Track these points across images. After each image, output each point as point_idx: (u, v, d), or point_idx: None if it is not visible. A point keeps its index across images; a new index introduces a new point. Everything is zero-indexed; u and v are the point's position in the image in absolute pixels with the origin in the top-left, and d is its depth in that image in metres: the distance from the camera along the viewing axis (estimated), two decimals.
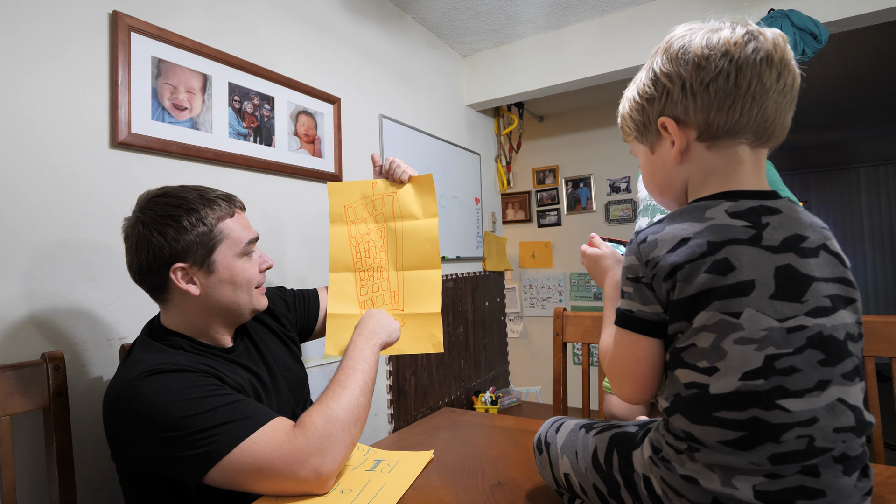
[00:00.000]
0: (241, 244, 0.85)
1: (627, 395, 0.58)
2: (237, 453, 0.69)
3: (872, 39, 2.46)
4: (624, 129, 0.66)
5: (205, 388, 0.74)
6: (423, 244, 1.11)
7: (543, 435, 0.71)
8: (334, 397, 0.79)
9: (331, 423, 0.75)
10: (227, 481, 0.70)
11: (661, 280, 0.52)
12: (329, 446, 0.73)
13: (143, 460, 0.73)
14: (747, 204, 0.53)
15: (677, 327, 0.52)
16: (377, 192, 1.11)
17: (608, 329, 0.62)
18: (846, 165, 4.63)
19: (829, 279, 0.51)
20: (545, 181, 3.14)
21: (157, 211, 0.80)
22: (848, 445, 0.48)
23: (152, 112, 1.15)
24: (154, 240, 0.78)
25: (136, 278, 0.83)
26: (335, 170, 1.69)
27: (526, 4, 2.11)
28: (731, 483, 0.47)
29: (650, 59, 0.60)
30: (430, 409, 2.16)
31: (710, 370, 0.49)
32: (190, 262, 0.80)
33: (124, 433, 0.73)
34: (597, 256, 0.74)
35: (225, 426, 0.70)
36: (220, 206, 0.84)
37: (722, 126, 0.54)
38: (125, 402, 0.72)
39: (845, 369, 0.49)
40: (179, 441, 0.69)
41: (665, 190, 0.62)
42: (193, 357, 0.81)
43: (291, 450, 0.71)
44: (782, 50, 0.53)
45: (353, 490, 0.74)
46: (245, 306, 0.87)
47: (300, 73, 1.58)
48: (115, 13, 1.09)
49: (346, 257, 1.09)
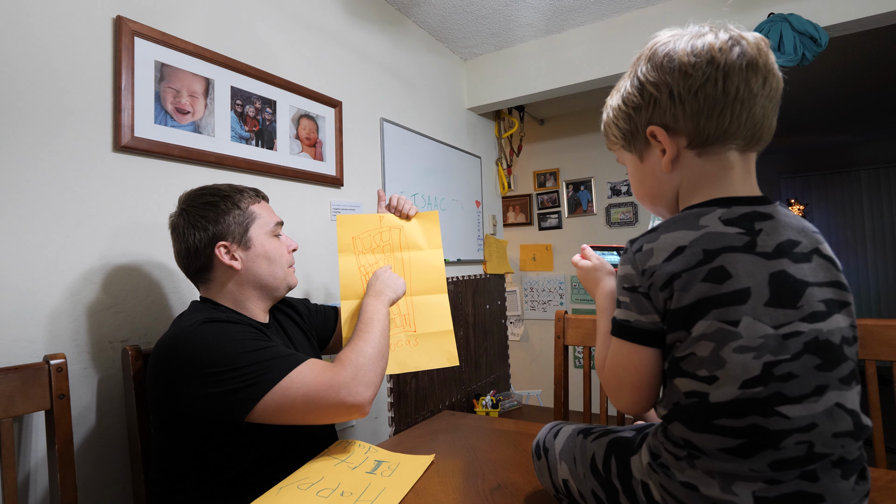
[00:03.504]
0: (270, 224, 0.98)
1: (626, 405, 0.57)
2: (287, 381, 0.79)
3: (872, 42, 2.46)
4: (609, 138, 0.66)
5: (252, 333, 0.85)
6: (430, 272, 1.20)
7: (542, 440, 0.71)
8: (361, 339, 0.91)
9: (363, 356, 0.87)
10: (278, 409, 0.79)
11: (659, 289, 0.52)
12: (363, 375, 0.84)
13: (192, 400, 0.79)
14: (740, 210, 0.52)
15: (676, 336, 0.52)
16: (385, 224, 1.19)
17: (603, 340, 0.62)
18: (847, 168, 4.63)
19: (823, 283, 0.51)
20: (546, 184, 3.14)
21: (197, 201, 0.94)
22: (846, 450, 0.48)
23: (155, 116, 1.16)
24: (199, 224, 0.91)
25: (183, 263, 0.95)
26: (336, 173, 1.70)
27: (526, 8, 2.12)
28: (730, 489, 0.47)
29: (633, 67, 0.60)
30: (430, 412, 2.16)
31: (709, 379, 0.48)
32: (230, 239, 0.93)
33: (178, 374, 0.80)
34: (588, 268, 0.73)
35: (274, 360, 0.81)
36: (249, 193, 0.98)
37: (713, 133, 0.54)
38: (182, 345, 0.81)
39: (842, 373, 0.49)
40: (235, 373, 0.78)
41: (656, 198, 0.62)
42: (240, 319, 0.91)
43: (334, 376, 0.82)
44: (766, 54, 0.53)
45: (354, 493, 0.74)
46: (281, 280, 0.99)
47: (302, 77, 1.58)
48: (119, 18, 1.09)
49: (356, 286, 1.14)
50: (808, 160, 4.76)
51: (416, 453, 0.91)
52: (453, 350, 1.16)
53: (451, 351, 1.16)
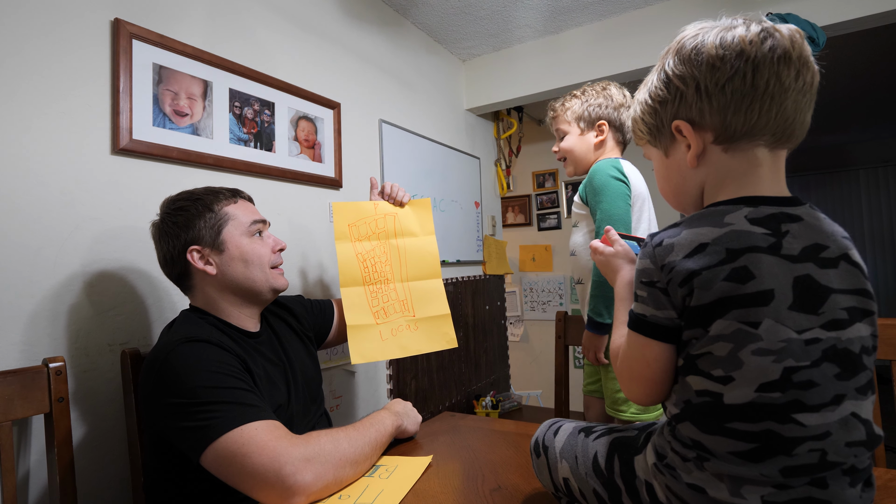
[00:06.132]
0: (246, 224, 0.94)
1: (637, 397, 0.57)
2: (235, 434, 0.71)
3: (870, 42, 2.46)
4: (636, 133, 0.65)
5: (227, 366, 0.79)
6: (425, 257, 1.23)
7: (541, 438, 0.71)
8: (344, 433, 0.81)
9: (335, 448, 0.76)
10: (217, 463, 0.71)
11: (677, 285, 0.51)
12: (321, 464, 0.72)
13: (161, 424, 0.77)
14: (767, 210, 0.51)
15: (692, 334, 0.51)
16: (380, 211, 1.22)
17: (620, 329, 0.61)
18: (846, 167, 4.63)
19: (848, 291, 0.49)
20: (545, 185, 3.14)
21: (171, 206, 0.92)
22: (858, 459, 0.47)
23: (153, 118, 1.16)
24: (171, 230, 0.90)
25: (165, 271, 0.94)
26: (335, 174, 1.69)
27: (525, 9, 2.12)
28: (739, 493, 0.47)
29: (661, 61, 0.58)
30: (430, 413, 2.15)
31: (724, 379, 0.47)
32: (202, 243, 0.90)
33: (152, 393, 0.78)
34: (610, 255, 0.72)
35: (231, 406, 0.74)
36: (224, 194, 0.95)
37: (740, 128, 0.52)
38: (159, 364, 0.78)
39: (859, 383, 0.48)
40: (188, 408, 0.73)
41: (680, 194, 0.61)
42: (223, 338, 0.86)
43: (288, 447, 0.71)
44: (800, 46, 0.51)
45: (352, 496, 0.74)
46: (261, 283, 0.94)
47: (300, 79, 1.58)
48: (117, 20, 1.09)
49: (355, 273, 1.17)
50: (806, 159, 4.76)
51: (415, 455, 0.90)
52: (451, 333, 1.19)
53: (449, 334, 1.19)
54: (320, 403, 1.07)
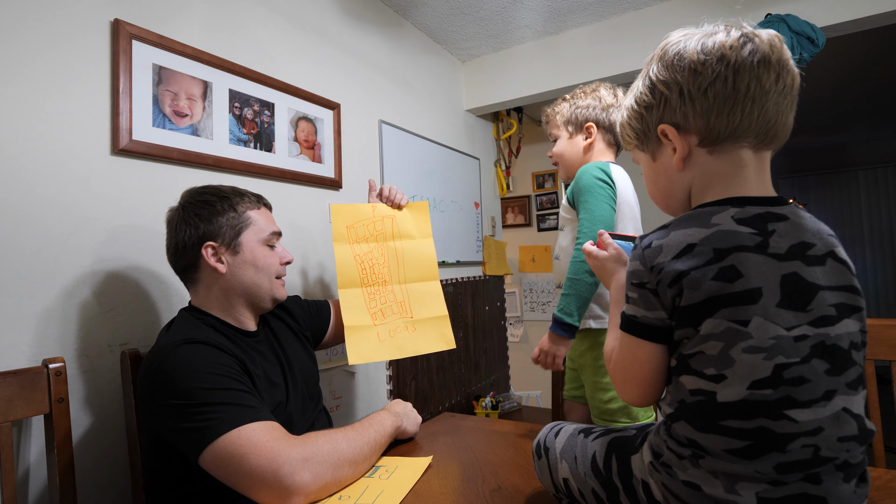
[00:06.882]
0: (265, 232, 0.96)
1: (631, 398, 0.58)
2: (233, 435, 0.71)
3: (869, 43, 2.47)
4: (624, 138, 0.66)
5: (225, 367, 0.79)
6: (423, 260, 1.23)
7: (542, 440, 0.71)
8: (343, 433, 0.81)
9: (333, 448, 0.76)
10: (216, 464, 0.71)
11: (666, 286, 0.52)
12: (318, 464, 0.73)
13: (159, 426, 0.77)
14: (753, 210, 0.52)
15: (684, 333, 0.51)
16: (377, 214, 1.22)
17: (613, 332, 0.62)
18: (845, 168, 4.64)
19: (835, 287, 0.50)
20: (545, 185, 3.14)
21: (196, 198, 0.93)
22: (851, 454, 0.48)
23: (153, 119, 1.16)
24: (191, 220, 0.90)
25: (171, 258, 0.94)
26: (335, 175, 1.69)
27: (524, 10, 2.12)
28: (734, 490, 0.47)
29: (646, 67, 0.60)
30: (430, 414, 2.15)
31: (717, 378, 0.48)
32: (219, 241, 0.90)
33: (151, 394, 0.78)
34: (603, 259, 0.73)
35: (229, 407, 0.74)
36: (250, 198, 0.97)
37: (723, 130, 0.54)
38: (157, 365, 0.78)
39: (850, 378, 0.49)
40: (186, 410, 0.73)
41: (668, 197, 0.62)
42: (221, 339, 0.87)
43: (286, 448, 0.72)
44: (779, 50, 0.53)
45: (352, 496, 0.74)
46: (265, 291, 0.96)
47: (300, 80, 1.58)
48: (117, 21, 1.09)
49: (352, 275, 1.17)
50: (806, 160, 4.76)
51: (415, 455, 0.91)
52: (449, 334, 1.19)
53: (447, 335, 1.18)
54: (318, 400, 1.08)
